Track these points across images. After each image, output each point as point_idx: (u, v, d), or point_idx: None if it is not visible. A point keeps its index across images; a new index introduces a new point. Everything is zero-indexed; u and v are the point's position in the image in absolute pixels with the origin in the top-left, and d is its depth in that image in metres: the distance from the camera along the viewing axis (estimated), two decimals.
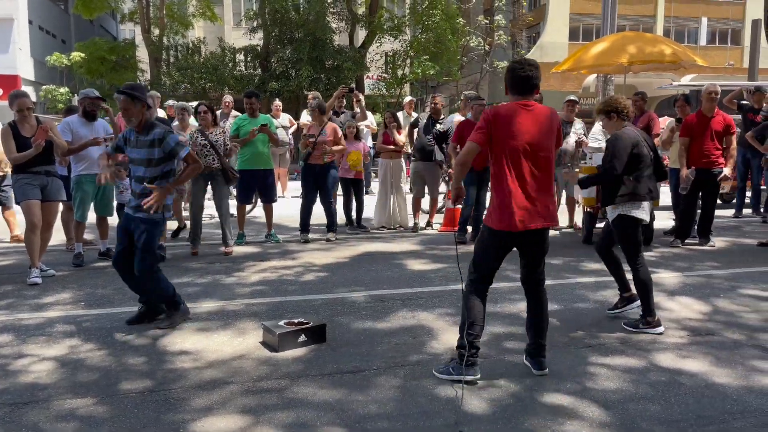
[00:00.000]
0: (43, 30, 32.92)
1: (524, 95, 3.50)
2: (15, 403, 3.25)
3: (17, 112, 5.74)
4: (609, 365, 3.75)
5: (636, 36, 9.50)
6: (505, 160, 3.44)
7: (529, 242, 3.54)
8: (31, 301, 5.16)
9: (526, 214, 3.42)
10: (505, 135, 3.42)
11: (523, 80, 3.47)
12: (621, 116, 4.48)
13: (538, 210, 3.45)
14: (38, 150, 5.60)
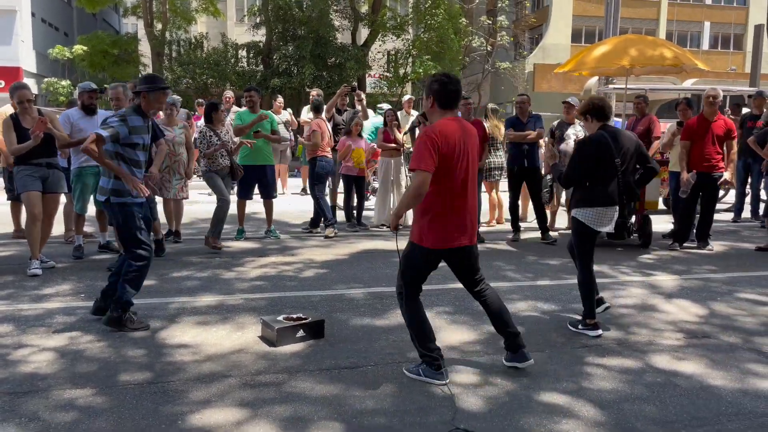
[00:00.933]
0: (46, 22, 32.89)
1: (453, 110, 3.51)
2: (15, 392, 3.27)
3: (18, 103, 5.76)
4: (605, 365, 3.78)
5: (638, 39, 9.51)
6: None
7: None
8: (31, 292, 5.17)
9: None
10: (447, 152, 3.35)
11: (455, 95, 3.47)
12: (597, 118, 4.36)
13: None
14: (37, 141, 5.60)
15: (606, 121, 4.39)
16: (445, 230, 3.43)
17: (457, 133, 3.41)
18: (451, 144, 3.36)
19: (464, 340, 4.20)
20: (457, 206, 3.44)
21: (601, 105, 4.38)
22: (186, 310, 4.75)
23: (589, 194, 4.29)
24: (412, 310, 3.55)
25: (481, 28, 28.28)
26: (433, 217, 3.43)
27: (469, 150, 3.46)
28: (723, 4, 37.82)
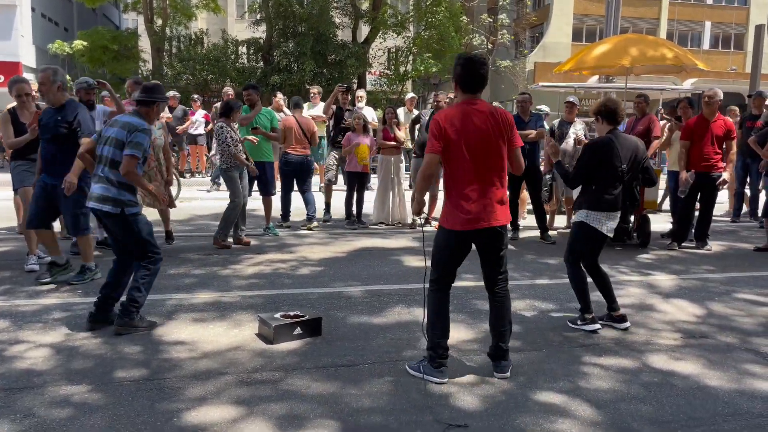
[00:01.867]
0: (46, 17, 32.81)
1: (475, 93, 3.48)
2: (10, 388, 3.27)
3: (16, 97, 5.74)
4: (602, 365, 3.77)
5: (638, 38, 9.50)
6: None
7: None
8: (28, 287, 5.16)
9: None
10: (454, 136, 3.38)
11: (476, 77, 3.43)
12: (608, 120, 4.35)
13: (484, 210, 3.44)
14: (33, 135, 5.58)
15: (616, 125, 4.38)
16: (463, 212, 3.41)
17: (468, 117, 3.39)
18: (458, 128, 3.36)
19: (461, 338, 4.20)
20: (473, 190, 3.41)
21: (613, 108, 4.35)
22: (183, 307, 4.74)
23: (595, 197, 4.29)
24: (434, 300, 3.56)
25: (482, 26, 28.24)
26: (450, 199, 3.48)
27: (484, 135, 3.39)
28: (724, 4, 37.76)
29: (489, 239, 3.50)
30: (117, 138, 4.14)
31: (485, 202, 3.42)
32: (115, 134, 4.16)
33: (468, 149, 3.38)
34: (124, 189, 4.17)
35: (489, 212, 3.43)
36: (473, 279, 5.80)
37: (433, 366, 3.47)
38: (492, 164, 3.45)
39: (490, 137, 3.42)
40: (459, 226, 3.43)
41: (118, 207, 4.13)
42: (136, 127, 4.15)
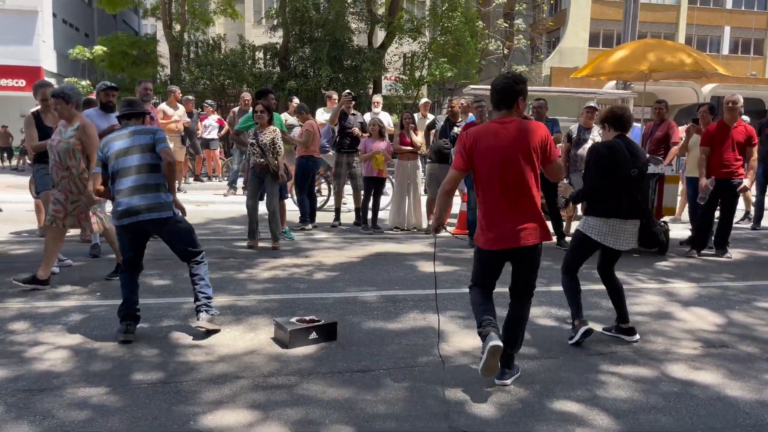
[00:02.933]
0: (67, 23, 33.31)
1: (501, 110, 3.48)
2: (30, 389, 3.30)
3: (41, 101, 5.84)
4: (620, 374, 3.73)
5: (657, 43, 9.42)
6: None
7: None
8: (47, 290, 5.22)
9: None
10: (477, 154, 3.44)
11: (499, 94, 3.47)
12: (615, 127, 4.25)
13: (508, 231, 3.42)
14: None
15: (623, 131, 4.28)
16: (490, 231, 3.45)
17: (494, 135, 3.41)
18: (483, 146, 3.42)
19: (477, 345, 4.15)
20: (499, 210, 3.42)
21: (620, 114, 4.27)
22: None
23: (597, 203, 4.17)
24: (474, 294, 3.65)
25: (498, 31, 28.19)
26: (479, 217, 3.53)
27: (509, 153, 3.37)
28: (743, 9, 37.36)
29: (519, 258, 3.50)
30: (143, 143, 4.18)
31: (512, 222, 3.40)
32: (136, 142, 4.18)
33: (492, 168, 3.40)
34: (166, 190, 4.21)
35: (516, 232, 3.40)
36: None
37: (483, 339, 3.37)
38: (518, 183, 3.40)
39: (514, 156, 3.37)
40: (487, 245, 3.48)
41: (168, 211, 4.16)
42: (153, 129, 4.31)
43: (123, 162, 4.15)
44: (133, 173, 4.12)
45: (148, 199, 4.08)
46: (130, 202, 4.05)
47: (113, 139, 4.25)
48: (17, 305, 4.78)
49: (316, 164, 8.57)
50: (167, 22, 24.93)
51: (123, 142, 4.20)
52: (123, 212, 4.06)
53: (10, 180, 15.41)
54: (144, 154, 4.16)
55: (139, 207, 4.05)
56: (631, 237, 4.20)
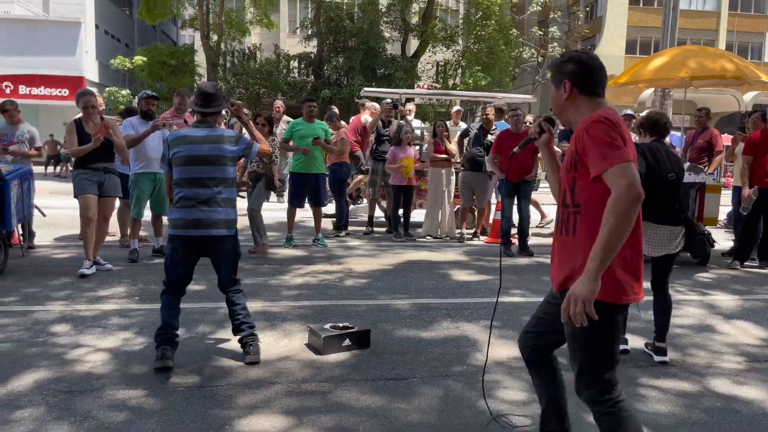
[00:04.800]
0: (109, 34, 34.32)
1: (603, 96, 2.46)
2: (70, 390, 3.38)
3: (82, 109, 6.02)
4: (661, 388, 3.63)
5: (698, 50, 9.23)
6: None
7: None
8: (88, 293, 5.35)
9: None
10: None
11: (604, 75, 2.50)
12: (651, 132, 4.17)
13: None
14: (97, 144, 5.84)
15: (660, 136, 4.19)
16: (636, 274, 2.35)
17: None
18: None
19: (511, 355, 4.12)
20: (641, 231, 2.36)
21: (656, 119, 4.19)
22: None
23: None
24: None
25: (533, 39, 28.00)
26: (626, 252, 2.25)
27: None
28: None
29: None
30: (228, 155, 3.85)
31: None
32: (228, 152, 3.86)
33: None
34: (234, 207, 3.94)
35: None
36: (522, 295, 5.71)
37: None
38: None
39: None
40: (625, 297, 2.28)
41: (232, 228, 3.91)
42: (238, 135, 3.99)
43: (198, 171, 3.79)
44: (209, 185, 3.79)
45: (224, 213, 3.80)
46: (201, 213, 3.75)
47: (196, 141, 3.83)
48: (59, 308, 4.91)
49: (349, 170, 8.68)
50: (205, 33, 25.46)
51: (203, 147, 3.80)
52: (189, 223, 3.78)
53: (54, 186, 15.90)
54: (228, 168, 3.86)
55: (210, 220, 3.76)
56: (666, 242, 4.04)
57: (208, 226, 3.76)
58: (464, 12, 27.24)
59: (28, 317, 4.64)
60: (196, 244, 3.80)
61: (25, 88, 24.48)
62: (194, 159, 3.78)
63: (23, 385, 3.42)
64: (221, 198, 3.82)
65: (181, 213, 3.78)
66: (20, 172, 6.27)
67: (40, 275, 5.94)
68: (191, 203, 3.76)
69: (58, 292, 5.35)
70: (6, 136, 6.99)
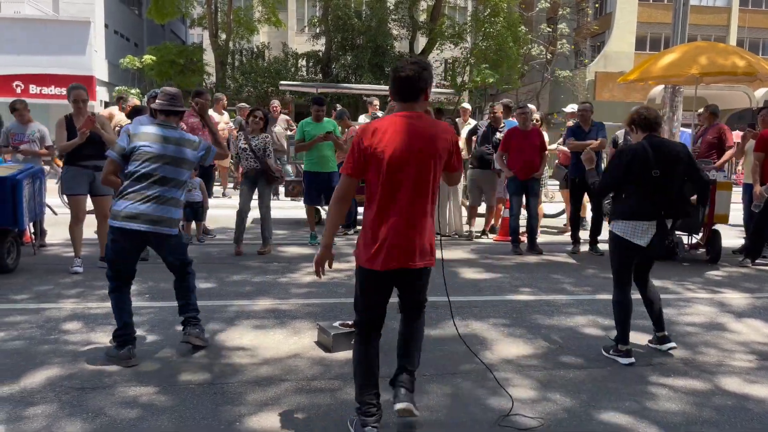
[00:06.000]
0: (118, 33, 34.46)
1: (406, 102, 2.88)
2: (82, 387, 3.41)
3: (73, 103, 6.02)
4: (671, 386, 3.62)
5: (708, 46, 9.14)
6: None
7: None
8: (99, 291, 5.39)
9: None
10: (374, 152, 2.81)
11: (401, 83, 2.84)
12: (642, 128, 4.11)
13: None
14: (82, 139, 5.83)
15: (652, 131, 4.10)
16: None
17: (391, 129, 2.82)
18: (380, 145, 2.79)
19: (520, 353, 4.12)
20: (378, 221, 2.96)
21: (645, 115, 4.12)
22: (243, 313, 4.84)
23: (624, 207, 4.03)
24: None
25: (541, 36, 27.87)
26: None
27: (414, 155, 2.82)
28: None
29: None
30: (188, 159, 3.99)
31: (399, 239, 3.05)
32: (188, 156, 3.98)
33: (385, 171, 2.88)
34: (180, 206, 4.03)
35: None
36: (532, 293, 5.70)
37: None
38: (412, 190, 2.99)
39: (418, 160, 2.96)
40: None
41: (176, 227, 4.00)
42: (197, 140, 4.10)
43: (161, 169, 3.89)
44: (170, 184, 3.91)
45: (169, 211, 3.87)
46: (145, 208, 3.81)
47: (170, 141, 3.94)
48: (71, 305, 4.95)
49: None
50: (213, 32, 25.52)
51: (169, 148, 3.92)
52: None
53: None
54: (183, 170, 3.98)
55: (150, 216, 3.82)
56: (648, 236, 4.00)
57: (157, 224, 3.82)
58: (472, 9, 27.16)
59: (40, 315, 4.68)
60: (140, 237, 3.85)
61: (35, 88, 24.61)
62: (159, 157, 3.87)
63: (36, 381, 3.46)
64: (174, 198, 3.91)
65: (128, 205, 3.79)
66: (31, 171, 6.31)
67: (51, 273, 6.00)
68: (144, 198, 3.80)
69: (69, 290, 5.39)
70: (17, 136, 7.04)
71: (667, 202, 3.99)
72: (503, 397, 3.39)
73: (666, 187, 3.98)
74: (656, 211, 3.97)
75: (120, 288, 3.91)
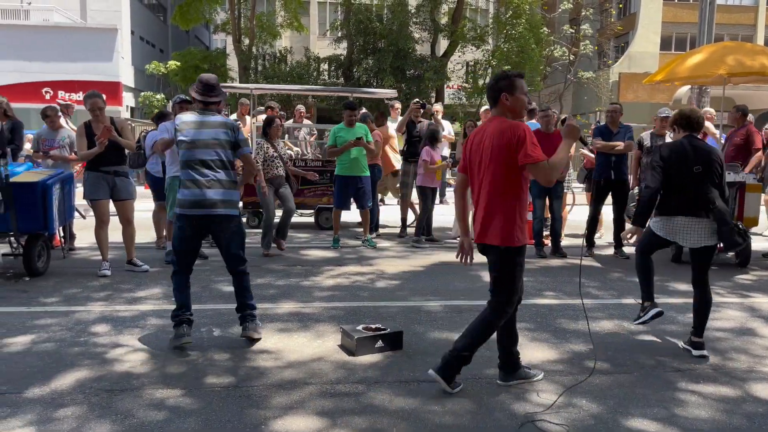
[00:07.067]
0: (144, 40, 35.04)
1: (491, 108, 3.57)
2: (111, 389, 3.47)
3: (90, 111, 6.12)
4: (700, 392, 3.55)
5: (736, 46, 9.00)
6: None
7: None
8: (126, 294, 5.48)
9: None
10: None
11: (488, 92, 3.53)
12: (683, 128, 4.26)
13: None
14: (101, 149, 5.96)
15: (693, 131, 4.25)
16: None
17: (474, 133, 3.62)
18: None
19: (546, 358, 4.08)
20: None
21: (687, 115, 4.27)
22: (268, 316, 4.87)
23: (659, 203, 4.20)
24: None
25: (564, 37, 27.65)
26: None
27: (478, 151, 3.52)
28: None
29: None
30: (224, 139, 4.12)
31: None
32: (218, 135, 4.10)
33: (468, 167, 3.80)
34: (236, 189, 4.21)
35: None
36: (556, 297, 5.65)
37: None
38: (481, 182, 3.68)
39: (482, 158, 3.60)
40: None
41: (236, 208, 4.19)
42: (234, 125, 4.22)
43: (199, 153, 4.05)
44: (209, 167, 4.06)
45: (222, 194, 4.05)
46: (200, 193, 4.01)
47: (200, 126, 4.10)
48: (99, 308, 5.04)
49: (380, 173, 8.75)
50: (237, 37, 25.78)
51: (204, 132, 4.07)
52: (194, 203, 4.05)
53: None
54: (226, 151, 4.12)
55: (210, 200, 4.02)
56: (703, 234, 4.10)
57: (215, 206, 4.04)
58: (494, 11, 27.06)
59: (69, 317, 4.77)
60: (201, 222, 4.09)
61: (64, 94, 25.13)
62: (193, 143, 4.07)
63: (66, 383, 3.52)
64: (226, 180, 4.11)
65: (186, 192, 4.05)
66: (61, 176, 6.44)
67: (80, 276, 6.11)
68: (197, 183, 4.05)
69: (97, 293, 5.49)
70: (47, 141, 7.19)
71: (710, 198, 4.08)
72: (528, 403, 3.36)
73: (704, 184, 4.09)
74: (703, 207, 4.08)
75: (180, 272, 4.17)
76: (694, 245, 4.14)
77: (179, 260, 4.17)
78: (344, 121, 7.80)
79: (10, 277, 6.04)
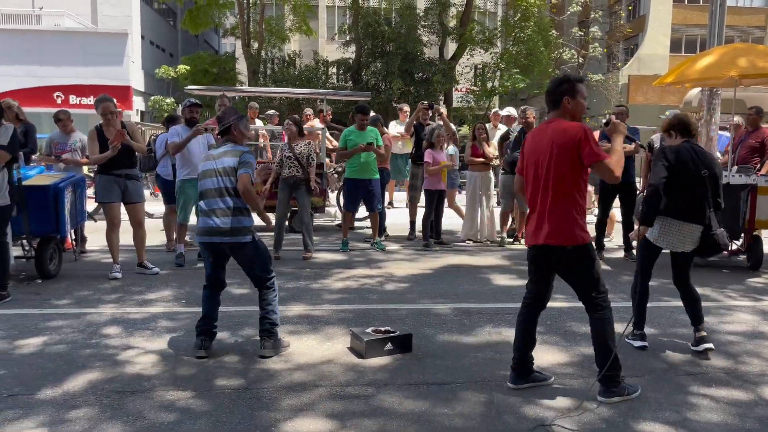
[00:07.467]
0: (154, 44, 35.29)
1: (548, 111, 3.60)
2: (123, 391, 3.49)
3: (101, 115, 6.16)
4: (711, 396, 3.53)
5: (747, 48, 8.92)
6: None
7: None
8: (137, 296, 5.51)
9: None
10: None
11: (548, 96, 3.56)
12: (681, 134, 4.26)
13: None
14: (114, 152, 6.00)
15: (690, 137, 4.25)
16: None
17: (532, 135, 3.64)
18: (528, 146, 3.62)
19: (556, 361, 4.07)
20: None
21: (686, 121, 4.28)
22: None
23: (665, 205, 4.15)
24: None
25: (573, 40, 27.58)
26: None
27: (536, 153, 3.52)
28: None
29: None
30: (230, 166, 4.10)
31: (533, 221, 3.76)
32: (223, 164, 4.12)
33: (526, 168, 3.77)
34: (249, 215, 4.15)
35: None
36: (566, 300, 5.63)
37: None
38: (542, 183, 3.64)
39: (542, 158, 3.60)
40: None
41: (248, 235, 4.10)
42: (242, 150, 4.19)
43: (211, 183, 4.11)
44: (218, 195, 4.08)
45: (233, 222, 4.02)
46: (211, 222, 4.04)
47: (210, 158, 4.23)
48: (110, 310, 5.07)
49: (389, 176, 8.77)
50: (246, 41, 25.90)
51: (214, 163, 4.15)
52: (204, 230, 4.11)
53: None
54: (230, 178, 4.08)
55: (219, 228, 4.02)
56: (687, 239, 4.14)
57: (226, 234, 4.06)
58: (502, 14, 27.03)
59: (81, 319, 4.80)
60: (217, 249, 4.16)
61: (75, 98, 25.31)
62: (204, 173, 4.20)
63: (78, 385, 3.55)
64: (236, 207, 4.09)
65: (203, 221, 4.14)
66: (73, 180, 6.49)
67: (91, 279, 6.15)
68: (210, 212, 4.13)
69: (108, 295, 5.53)
70: (60, 145, 7.25)
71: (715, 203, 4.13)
72: (539, 406, 3.35)
73: (707, 190, 4.11)
74: (698, 212, 4.11)
75: (209, 288, 4.24)
76: (675, 248, 4.20)
77: (207, 280, 4.25)
78: (355, 125, 7.82)
79: (22, 280, 6.10)
